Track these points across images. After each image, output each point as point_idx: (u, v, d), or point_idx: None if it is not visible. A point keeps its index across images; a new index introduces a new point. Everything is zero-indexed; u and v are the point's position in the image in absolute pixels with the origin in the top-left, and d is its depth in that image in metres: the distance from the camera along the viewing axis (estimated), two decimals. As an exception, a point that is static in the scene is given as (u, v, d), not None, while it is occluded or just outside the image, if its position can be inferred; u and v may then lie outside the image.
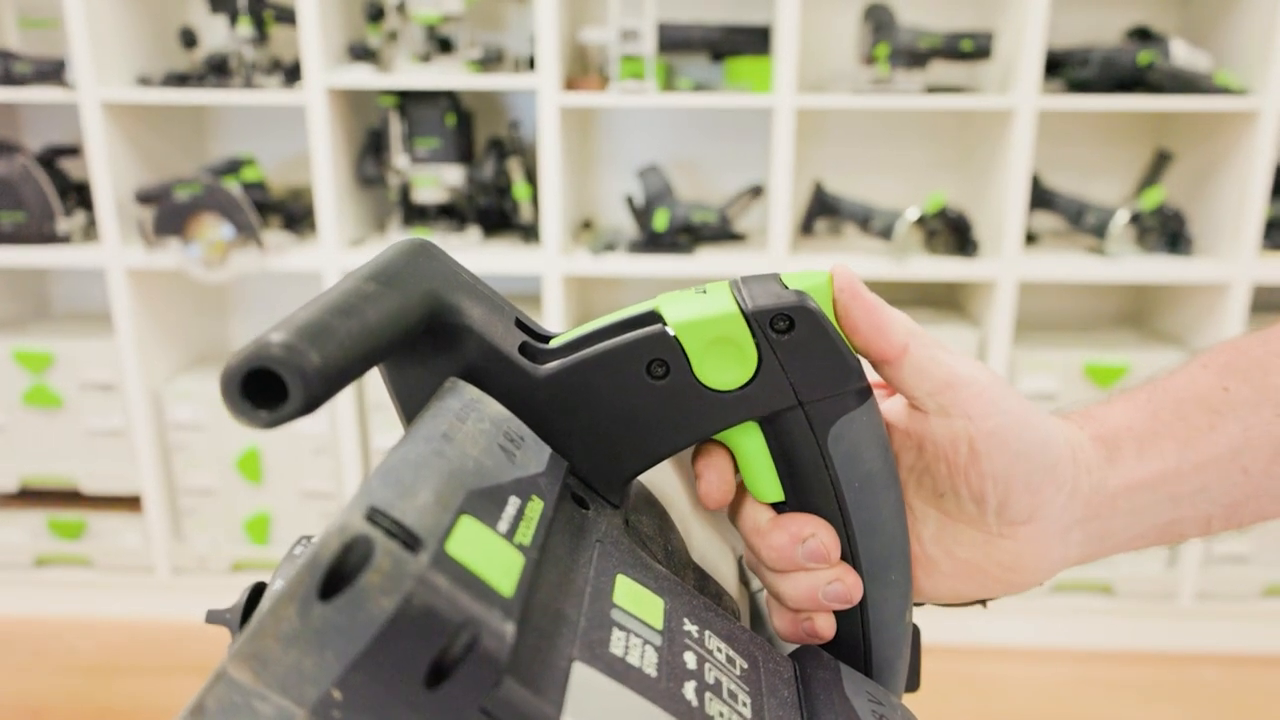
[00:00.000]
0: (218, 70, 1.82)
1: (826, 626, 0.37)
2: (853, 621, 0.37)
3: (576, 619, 0.28)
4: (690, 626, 0.32)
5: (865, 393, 0.36)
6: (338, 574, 0.23)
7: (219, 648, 0.30)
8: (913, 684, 0.41)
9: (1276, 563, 1.92)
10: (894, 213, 1.81)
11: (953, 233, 1.82)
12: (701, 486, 0.38)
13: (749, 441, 0.37)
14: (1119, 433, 0.37)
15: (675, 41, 1.82)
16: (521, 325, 0.37)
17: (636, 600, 0.31)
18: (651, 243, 1.85)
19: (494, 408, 0.34)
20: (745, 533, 0.38)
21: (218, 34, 1.82)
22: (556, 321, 1.83)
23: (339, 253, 1.83)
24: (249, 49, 1.81)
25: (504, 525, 0.27)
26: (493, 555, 0.26)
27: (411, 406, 0.35)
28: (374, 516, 0.24)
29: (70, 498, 2.03)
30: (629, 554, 0.34)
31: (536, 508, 0.30)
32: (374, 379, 1.91)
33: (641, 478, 0.42)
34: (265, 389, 0.26)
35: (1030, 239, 1.92)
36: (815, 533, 0.36)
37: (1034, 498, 0.36)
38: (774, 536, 0.37)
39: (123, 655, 1.92)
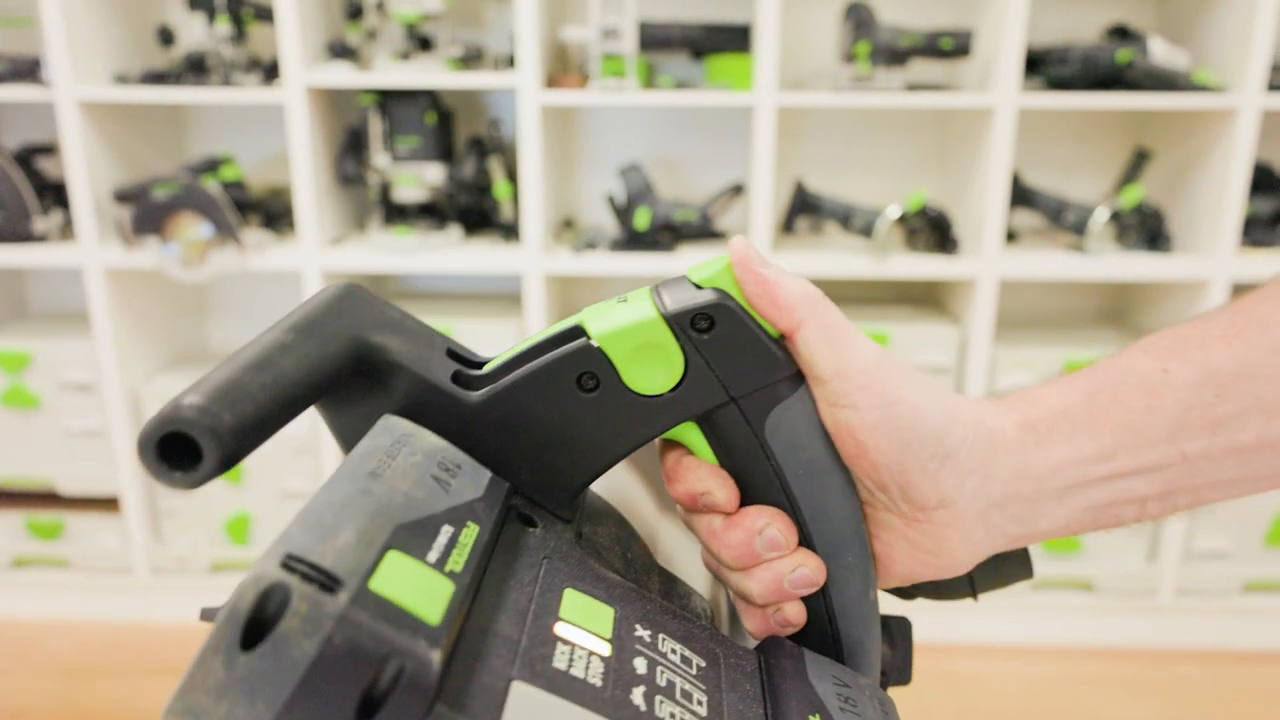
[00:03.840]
0: (196, 68, 1.81)
1: (797, 614, 0.37)
2: (817, 608, 0.38)
3: (518, 638, 0.29)
4: (642, 632, 0.32)
5: (796, 380, 0.36)
6: (258, 622, 0.24)
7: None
8: (905, 677, 0.42)
9: (1256, 559, 1.93)
10: (875, 211, 1.81)
11: (933, 231, 1.83)
12: (677, 489, 0.38)
13: (691, 442, 0.37)
14: (1053, 415, 0.36)
15: (656, 40, 1.82)
16: (453, 354, 0.37)
17: (584, 612, 0.32)
18: (633, 241, 1.84)
19: (428, 440, 0.34)
20: (702, 536, 0.38)
21: (195, 32, 1.80)
22: (538, 320, 1.83)
23: (318, 252, 1.82)
24: (227, 47, 1.80)
25: (434, 555, 0.28)
26: (420, 586, 0.26)
27: (354, 446, 0.36)
28: (289, 563, 0.24)
29: (48, 499, 2.01)
30: (579, 567, 0.34)
31: (471, 533, 0.30)
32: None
33: (604, 485, 0.42)
34: (183, 450, 0.27)
35: (1010, 237, 1.92)
36: (770, 522, 0.36)
37: (936, 485, 0.36)
38: (730, 535, 0.37)
39: (102, 657, 1.91)
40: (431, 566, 0.27)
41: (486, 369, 0.37)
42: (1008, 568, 0.43)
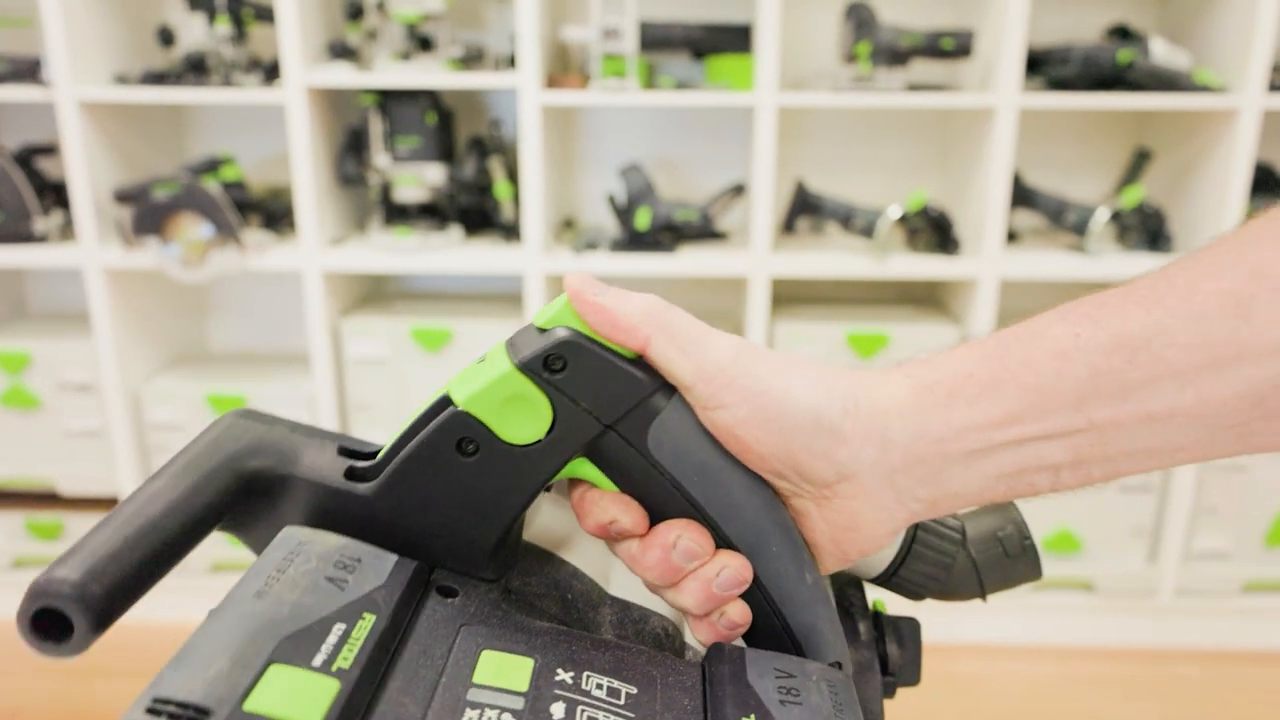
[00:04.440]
0: (196, 69, 1.81)
1: (740, 614, 0.38)
2: (757, 603, 0.38)
3: (423, 715, 0.30)
4: (564, 675, 0.33)
5: (668, 392, 0.37)
6: None
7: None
8: (914, 678, 0.43)
9: (1256, 559, 1.93)
10: (875, 211, 1.81)
11: (934, 231, 1.83)
12: (586, 523, 0.38)
13: (588, 475, 0.38)
14: (956, 379, 0.36)
15: (656, 40, 1.82)
16: (346, 451, 0.39)
17: (500, 671, 0.32)
18: (633, 242, 1.84)
19: (325, 542, 0.35)
20: (626, 562, 0.38)
21: (196, 32, 1.80)
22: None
23: (319, 252, 1.82)
24: (227, 47, 1.80)
25: (320, 658, 0.29)
26: (301, 692, 0.27)
27: None
28: (155, 706, 0.26)
29: (48, 499, 2.01)
30: (500, 625, 0.35)
31: (365, 625, 0.31)
32: (360, 382, 1.90)
33: (553, 525, 0.43)
34: (58, 621, 0.29)
35: (1011, 237, 1.92)
36: (680, 534, 0.37)
37: (830, 461, 0.36)
38: (647, 555, 0.37)
39: (100, 657, 1.88)
40: (316, 670, 0.28)
41: (379, 458, 0.38)
42: (1016, 569, 0.44)
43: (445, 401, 0.36)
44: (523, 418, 0.36)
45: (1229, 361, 0.33)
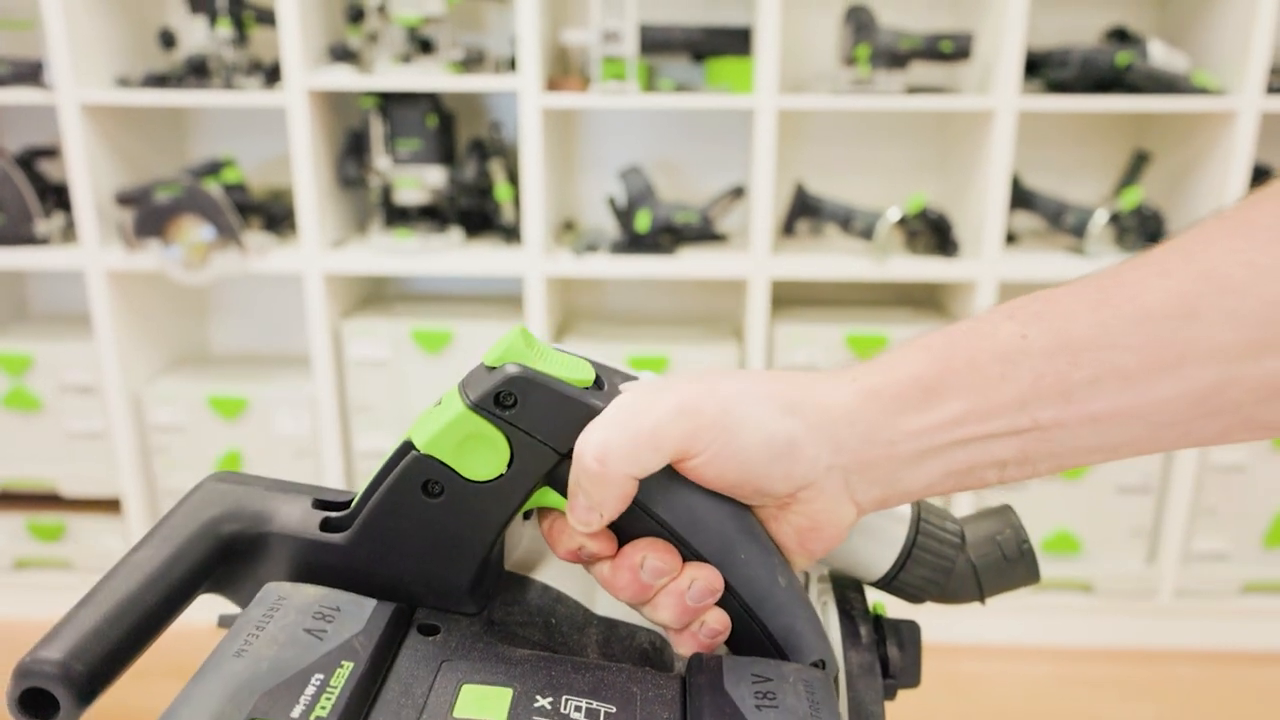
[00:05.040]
0: (197, 71, 1.81)
1: (719, 622, 0.38)
2: (734, 611, 0.38)
3: None
4: (542, 701, 0.33)
5: None
6: None
7: (200, 651, 0.32)
8: (914, 680, 0.43)
9: (1255, 560, 1.93)
10: (875, 213, 1.82)
11: (933, 233, 1.83)
12: (558, 550, 0.39)
13: (555, 504, 0.39)
14: (903, 382, 0.37)
15: (656, 42, 1.82)
16: (321, 503, 0.40)
17: (480, 703, 0.33)
18: (633, 244, 1.85)
19: (305, 595, 0.36)
20: (601, 584, 0.39)
21: (197, 35, 1.81)
22: (539, 323, 1.83)
23: (320, 254, 1.82)
24: (229, 50, 1.81)
25: (299, 709, 0.30)
26: None
27: None
28: None
29: (49, 500, 2.01)
30: (481, 657, 0.36)
31: (344, 672, 0.32)
32: (361, 384, 1.90)
33: (537, 552, 0.44)
34: (45, 698, 0.30)
35: (1010, 239, 1.93)
36: (646, 554, 0.37)
37: (789, 477, 0.37)
38: (618, 577, 0.38)
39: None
40: None
41: (351, 506, 0.38)
42: (1015, 572, 0.44)
43: (407, 446, 0.37)
44: (482, 455, 0.36)
45: (1172, 364, 0.34)
